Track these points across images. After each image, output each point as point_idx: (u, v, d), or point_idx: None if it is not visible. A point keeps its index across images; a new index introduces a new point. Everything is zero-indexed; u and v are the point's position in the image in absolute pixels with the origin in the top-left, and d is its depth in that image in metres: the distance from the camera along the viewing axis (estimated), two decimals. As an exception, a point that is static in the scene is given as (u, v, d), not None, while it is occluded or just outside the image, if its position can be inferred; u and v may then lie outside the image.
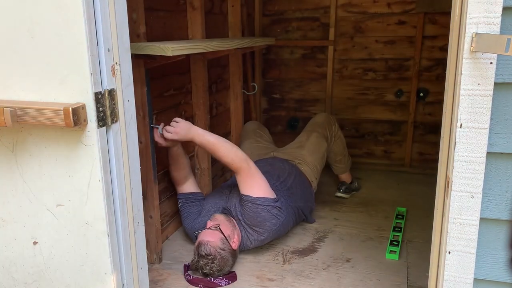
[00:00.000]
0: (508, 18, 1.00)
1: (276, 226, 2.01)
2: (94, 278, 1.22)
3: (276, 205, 1.98)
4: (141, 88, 1.78)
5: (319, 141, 2.56)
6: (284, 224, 2.07)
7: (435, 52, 2.98)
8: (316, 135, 2.57)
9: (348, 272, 1.94)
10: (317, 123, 2.66)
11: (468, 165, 1.05)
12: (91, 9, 1.04)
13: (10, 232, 1.26)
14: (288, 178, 2.27)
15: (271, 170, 2.26)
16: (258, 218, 1.96)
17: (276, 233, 2.06)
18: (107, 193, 1.15)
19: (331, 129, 2.64)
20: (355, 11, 3.09)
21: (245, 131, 2.87)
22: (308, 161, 2.48)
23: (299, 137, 2.66)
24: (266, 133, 2.93)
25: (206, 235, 1.89)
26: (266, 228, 1.99)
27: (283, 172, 2.29)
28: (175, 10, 2.19)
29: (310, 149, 2.52)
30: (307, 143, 2.56)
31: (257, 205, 1.94)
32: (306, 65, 3.31)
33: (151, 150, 1.86)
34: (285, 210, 2.04)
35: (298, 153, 2.51)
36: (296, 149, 2.55)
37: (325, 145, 2.57)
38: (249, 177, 1.98)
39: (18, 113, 1.06)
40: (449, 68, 1.09)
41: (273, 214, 1.97)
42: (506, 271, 1.13)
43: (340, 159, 2.74)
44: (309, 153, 2.51)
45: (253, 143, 2.74)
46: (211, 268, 1.84)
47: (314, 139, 2.56)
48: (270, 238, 2.06)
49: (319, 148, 2.55)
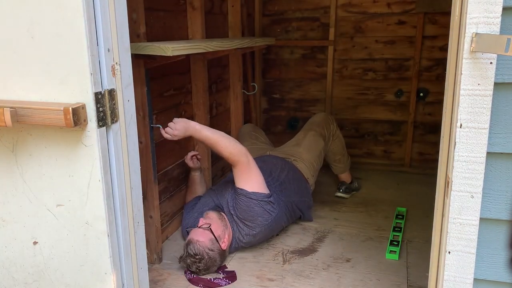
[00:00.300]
0: (508, 18, 1.00)
1: (268, 221, 2.02)
2: (94, 278, 1.22)
3: (269, 200, 2.00)
4: (141, 88, 1.78)
5: (316, 139, 2.57)
6: (277, 220, 2.08)
7: (435, 52, 2.98)
8: (313, 133, 2.58)
9: (348, 272, 1.94)
10: (315, 122, 2.67)
11: (468, 165, 1.05)
12: (91, 9, 1.04)
13: (10, 232, 1.26)
14: (280, 173, 2.28)
15: (263, 166, 2.25)
16: (251, 212, 1.98)
17: (269, 229, 2.06)
18: (107, 193, 1.15)
19: (329, 128, 2.65)
20: (355, 11, 3.09)
21: (241, 134, 2.88)
22: (304, 158, 2.49)
23: (296, 136, 2.68)
24: (261, 134, 2.94)
25: (196, 234, 1.91)
26: (258, 223, 2.00)
27: (275, 168, 2.30)
28: (175, 10, 2.19)
29: (306, 147, 2.53)
30: (304, 141, 2.57)
31: (251, 199, 1.96)
32: (306, 65, 3.30)
33: (151, 150, 1.86)
34: (277, 205, 2.06)
35: (294, 151, 2.53)
36: (293, 147, 2.57)
37: (322, 143, 2.57)
38: (246, 171, 1.99)
39: (18, 113, 1.05)
40: (449, 68, 1.09)
41: (265, 209, 1.99)
42: (506, 271, 1.13)
43: (339, 159, 2.74)
44: (306, 151, 2.52)
45: (249, 145, 2.73)
46: (198, 267, 1.87)
47: (311, 137, 2.57)
48: (262, 233, 2.06)
49: (316, 146, 2.56)
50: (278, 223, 2.13)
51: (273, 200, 2.03)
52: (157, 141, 2.03)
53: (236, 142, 2.03)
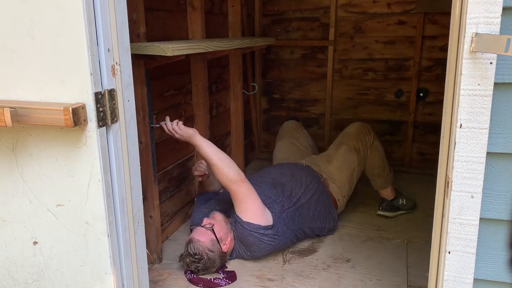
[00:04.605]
0: (508, 18, 1.00)
1: (266, 249, 1.97)
2: (94, 278, 1.22)
3: (267, 232, 1.92)
4: (141, 88, 1.78)
5: (348, 155, 2.35)
6: (278, 246, 2.02)
7: (435, 52, 2.98)
8: (345, 148, 2.37)
9: (348, 272, 1.94)
10: (348, 134, 2.44)
11: (468, 165, 1.05)
12: (91, 9, 1.04)
13: (10, 232, 1.26)
14: (303, 195, 2.14)
15: (288, 184, 2.16)
16: (245, 240, 1.94)
17: (267, 252, 2.01)
18: (107, 193, 1.15)
19: (365, 140, 2.39)
20: (355, 11, 3.10)
21: (282, 130, 2.80)
22: (336, 178, 2.32)
23: (328, 149, 2.50)
24: (304, 135, 2.79)
25: (198, 233, 1.90)
26: (254, 249, 1.97)
27: (299, 187, 2.16)
28: (175, 10, 2.19)
29: (338, 165, 2.35)
30: (335, 157, 2.38)
31: (245, 229, 1.91)
32: (306, 65, 3.31)
33: (151, 150, 1.86)
34: (280, 236, 1.99)
35: (325, 168, 2.36)
36: (325, 163, 2.39)
37: (355, 159, 2.35)
38: (238, 200, 1.92)
39: (18, 113, 1.05)
40: (449, 68, 1.09)
41: (261, 240, 1.92)
42: (506, 271, 1.13)
43: (378, 173, 2.44)
44: (337, 170, 2.34)
45: (287, 144, 2.68)
46: (197, 267, 1.86)
47: (342, 153, 2.37)
48: (262, 255, 2.02)
49: (349, 164, 2.35)
50: (281, 247, 2.07)
51: (272, 232, 1.94)
52: (157, 141, 2.04)
53: (232, 169, 1.88)
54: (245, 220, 1.90)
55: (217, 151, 1.91)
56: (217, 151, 1.91)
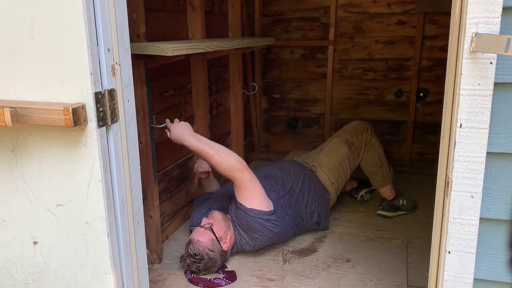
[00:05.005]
0: (508, 18, 1.00)
1: (268, 236, 1.98)
2: (94, 278, 1.22)
3: (269, 218, 1.94)
4: (141, 88, 1.78)
5: (338, 145, 2.43)
6: (280, 234, 2.04)
7: (435, 52, 2.98)
8: (337, 140, 2.46)
9: (348, 272, 1.94)
10: (344, 129, 2.52)
11: (468, 165, 1.05)
12: (91, 9, 1.04)
13: (10, 232, 1.26)
14: (295, 183, 2.21)
15: (278, 175, 2.22)
16: (250, 227, 1.95)
17: (271, 241, 2.03)
18: (107, 193, 1.15)
19: (361, 136, 2.44)
20: (355, 11, 3.10)
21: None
22: (323, 164, 2.38)
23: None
24: None
25: (197, 234, 1.91)
26: (257, 236, 1.98)
27: (289, 177, 2.23)
28: (175, 10, 2.19)
29: (327, 153, 2.43)
30: (325, 147, 2.48)
31: (249, 215, 1.92)
32: (306, 65, 3.31)
33: (151, 150, 1.86)
34: (281, 222, 2.01)
35: (315, 157, 2.45)
36: (315, 154, 2.49)
37: (345, 149, 2.40)
38: (243, 187, 1.92)
39: (18, 113, 1.05)
40: (449, 68, 1.09)
41: (265, 226, 1.94)
42: (506, 271, 1.13)
43: (376, 171, 2.46)
44: (325, 157, 2.41)
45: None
46: (198, 267, 1.87)
47: (332, 144, 2.46)
48: (264, 244, 2.03)
49: (337, 152, 2.41)
50: (282, 236, 2.09)
51: (274, 218, 1.96)
52: (157, 141, 2.04)
53: (232, 157, 1.90)
54: (249, 207, 1.92)
55: (211, 143, 1.92)
56: (211, 143, 1.92)
